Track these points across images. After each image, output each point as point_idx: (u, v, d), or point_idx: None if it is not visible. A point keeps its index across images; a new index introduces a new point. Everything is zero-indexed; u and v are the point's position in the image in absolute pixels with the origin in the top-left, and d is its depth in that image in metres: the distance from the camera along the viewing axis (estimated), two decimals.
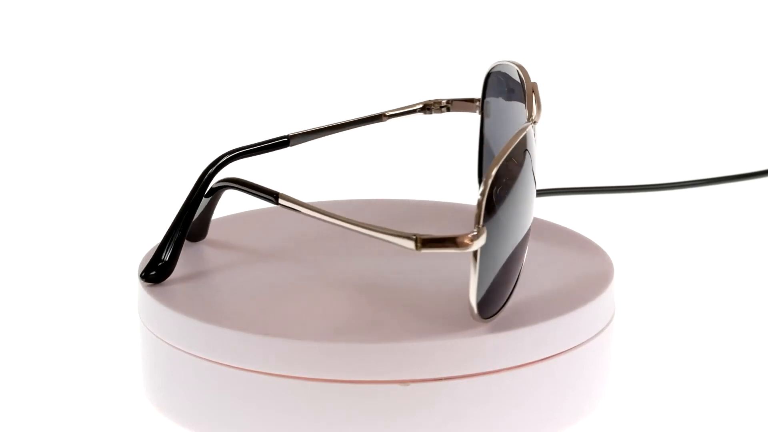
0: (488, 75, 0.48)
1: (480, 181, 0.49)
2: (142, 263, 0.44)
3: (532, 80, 0.43)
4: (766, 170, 0.63)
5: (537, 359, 0.40)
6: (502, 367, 0.39)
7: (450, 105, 0.49)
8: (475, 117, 0.49)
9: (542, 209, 0.56)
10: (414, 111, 0.49)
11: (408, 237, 0.38)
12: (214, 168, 0.45)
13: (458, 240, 0.37)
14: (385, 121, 0.49)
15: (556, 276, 0.44)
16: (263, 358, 0.39)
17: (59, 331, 0.51)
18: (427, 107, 0.49)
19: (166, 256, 0.43)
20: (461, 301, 0.41)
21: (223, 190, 0.44)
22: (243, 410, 0.39)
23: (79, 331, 0.51)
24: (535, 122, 0.42)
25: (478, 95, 0.49)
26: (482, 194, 0.37)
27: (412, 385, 0.38)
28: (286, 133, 0.47)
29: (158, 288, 0.42)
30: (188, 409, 0.41)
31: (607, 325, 0.42)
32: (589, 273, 0.44)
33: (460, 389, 0.39)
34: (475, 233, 0.37)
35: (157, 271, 0.43)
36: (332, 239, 0.47)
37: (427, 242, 0.38)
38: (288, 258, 0.45)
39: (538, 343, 0.40)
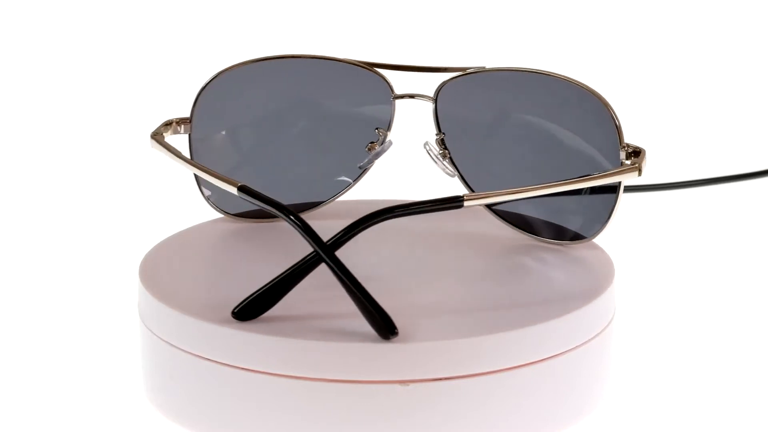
0: None
1: None
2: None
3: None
4: (766, 170, 0.63)
5: (537, 359, 0.40)
6: (502, 367, 0.39)
7: None
8: None
9: None
10: None
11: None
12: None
13: None
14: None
15: (556, 276, 0.44)
16: (263, 358, 0.39)
17: (59, 331, 0.51)
18: None
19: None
20: (460, 300, 0.41)
21: None
22: (243, 410, 0.39)
23: (79, 330, 0.51)
24: None
25: None
26: None
27: (412, 385, 0.38)
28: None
29: (158, 288, 0.42)
30: (188, 409, 0.41)
31: (607, 325, 0.42)
32: (589, 273, 0.44)
33: (460, 389, 0.39)
34: None
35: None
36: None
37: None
38: (288, 258, 0.45)
39: (538, 343, 0.39)
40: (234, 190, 0.41)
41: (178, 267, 0.44)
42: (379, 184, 0.51)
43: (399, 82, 0.48)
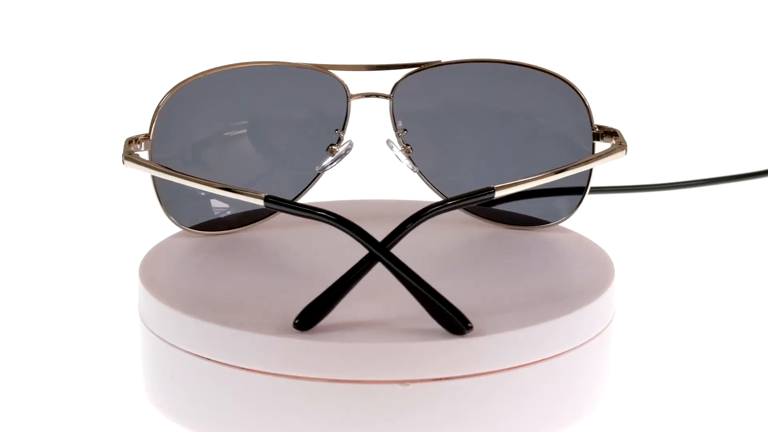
0: None
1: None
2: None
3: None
4: (766, 170, 0.63)
5: (537, 359, 0.40)
6: (502, 367, 0.39)
7: None
8: None
9: None
10: None
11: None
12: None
13: None
14: None
15: (556, 276, 0.44)
16: (263, 358, 0.39)
17: (59, 331, 0.51)
18: None
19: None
20: (460, 300, 0.41)
21: None
22: (243, 410, 0.39)
23: (79, 331, 0.51)
24: None
25: None
26: None
27: (412, 385, 0.38)
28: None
29: (158, 288, 0.42)
30: (188, 409, 0.41)
31: (607, 325, 0.42)
32: (589, 273, 0.44)
33: (460, 389, 0.39)
34: None
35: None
36: (333, 239, 0.47)
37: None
38: (288, 258, 0.45)
39: (538, 343, 0.40)
40: (260, 202, 0.41)
41: (178, 267, 0.44)
42: (341, 185, 0.51)
43: (357, 82, 0.48)
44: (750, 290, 0.55)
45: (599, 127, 0.46)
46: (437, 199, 0.49)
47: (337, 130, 0.47)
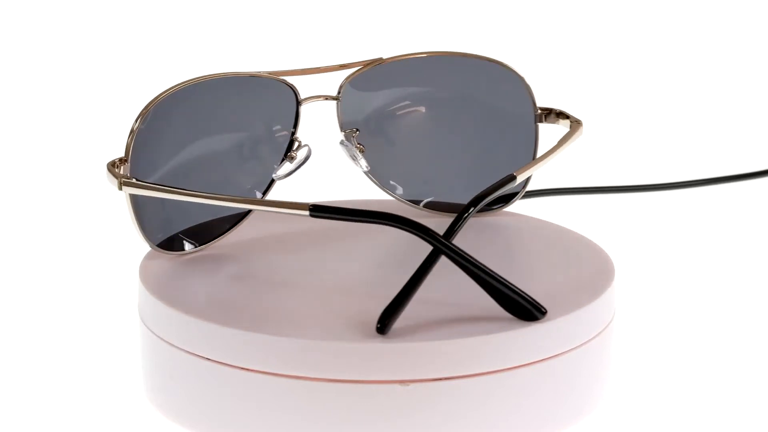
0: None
1: None
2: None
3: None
4: (766, 170, 0.63)
5: (537, 359, 0.40)
6: (502, 367, 0.39)
7: None
8: None
9: (543, 209, 0.56)
10: None
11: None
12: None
13: None
14: None
15: (556, 276, 0.44)
16: (263, 358, 0.39)
17: (59, 331, 0.51)
18: None
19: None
20: (461, 300, 0.41)
21: None
22: (243, 410, 0.39)
23: (79, 331, 0.51)
24: None
25: None
26: None
27: (412, 385, 0.38)
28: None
29: (158, 288, 0.42)
30: (188, 409, 0.41)
31: (607, 325, 0.42)
32: (589, 273, 0.44)
33: (460, 389, 0.39)
34: None
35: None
36: (333, 239, 0.47)
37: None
38: (288, 257, 0.45)
39: (538, 344, 0.39)
40: (306, 213, 0.40)
41: (178, 267, 0.44)
42: (295, 188, 0.51)
43: (307, 87, 0.48)
44: (750, 290, 0.55)
45: (542, 108, 0.47)
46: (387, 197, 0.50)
47: (294, 136, 0.47)
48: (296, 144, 0.47)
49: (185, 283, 0.43)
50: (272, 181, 0.47)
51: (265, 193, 0.47)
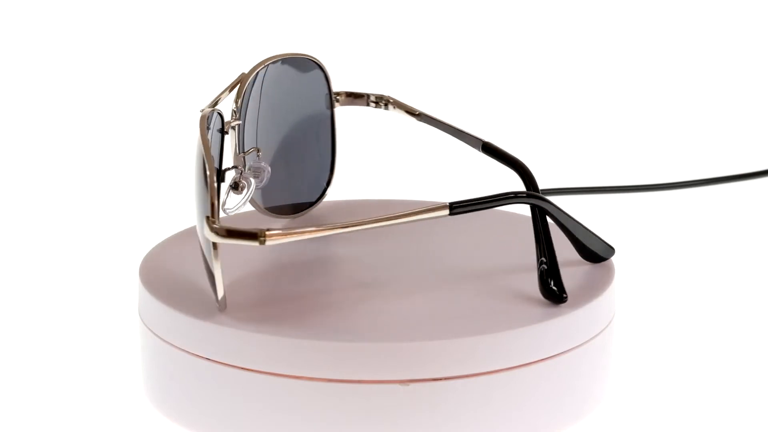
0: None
1: None
2: None
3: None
4: (766, 170, 0.63)
5: (537, 359, 0.40)
6: (502, 367, 0.39)
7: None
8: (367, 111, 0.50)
9: None
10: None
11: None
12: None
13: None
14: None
15: None
16: (263, 358, 0.39)
17: (59, 331, 0.51)
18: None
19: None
20: (461, 300, 0.41)
21: None
22: (243, 410, 0.39)
23: (79, 331, 0.51)
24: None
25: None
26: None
27: (412, 385, 0.38)
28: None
29: (158, 288, 0.42)
30: (188, 409, 0.41)
31: (607, 325, 0.42)
32: (589, 273, 0.44)
33: (460, 389, 0.39)
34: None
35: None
36: (333, 239, 0.47)
37: None
38: (288, 258, 0.45)
39: (538, 343, 0.40)
40: (446, 213, 0.41)
41: (178, 267, 0.44)
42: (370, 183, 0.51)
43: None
44: (750, 290, 0.55)
45: (338, 93, 0.49)
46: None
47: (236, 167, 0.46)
48: (241, 171, 0.45)
49: (185, 283, 0.43)
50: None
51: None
